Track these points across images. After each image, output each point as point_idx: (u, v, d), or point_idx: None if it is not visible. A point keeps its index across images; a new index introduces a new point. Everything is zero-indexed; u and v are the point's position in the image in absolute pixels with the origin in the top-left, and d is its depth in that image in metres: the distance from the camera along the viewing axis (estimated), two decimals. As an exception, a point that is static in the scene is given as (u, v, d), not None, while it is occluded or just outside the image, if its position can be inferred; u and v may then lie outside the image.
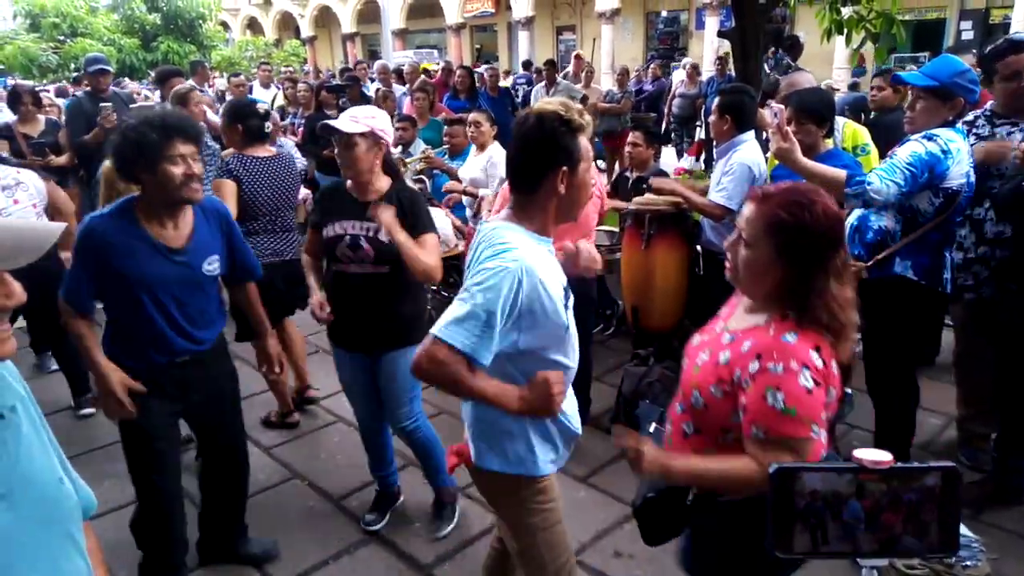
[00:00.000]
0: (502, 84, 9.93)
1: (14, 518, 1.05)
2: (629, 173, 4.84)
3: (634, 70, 13.57)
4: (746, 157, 3.69)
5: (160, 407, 2.59)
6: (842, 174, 2.86)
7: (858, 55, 5.24)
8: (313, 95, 7.90)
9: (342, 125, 2.72)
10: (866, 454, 1.31)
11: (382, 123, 2.79)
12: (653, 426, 1.98)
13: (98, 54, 8.45)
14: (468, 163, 5.20)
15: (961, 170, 2.83)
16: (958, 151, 2.81)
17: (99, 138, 5.62)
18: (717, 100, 3.93)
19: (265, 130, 3.90)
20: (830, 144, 3.54)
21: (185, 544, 2.84)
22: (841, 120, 3.98)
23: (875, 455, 1.30)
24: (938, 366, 4.32)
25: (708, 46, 19.43)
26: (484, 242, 1.80)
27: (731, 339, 1.74)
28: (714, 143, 4.15)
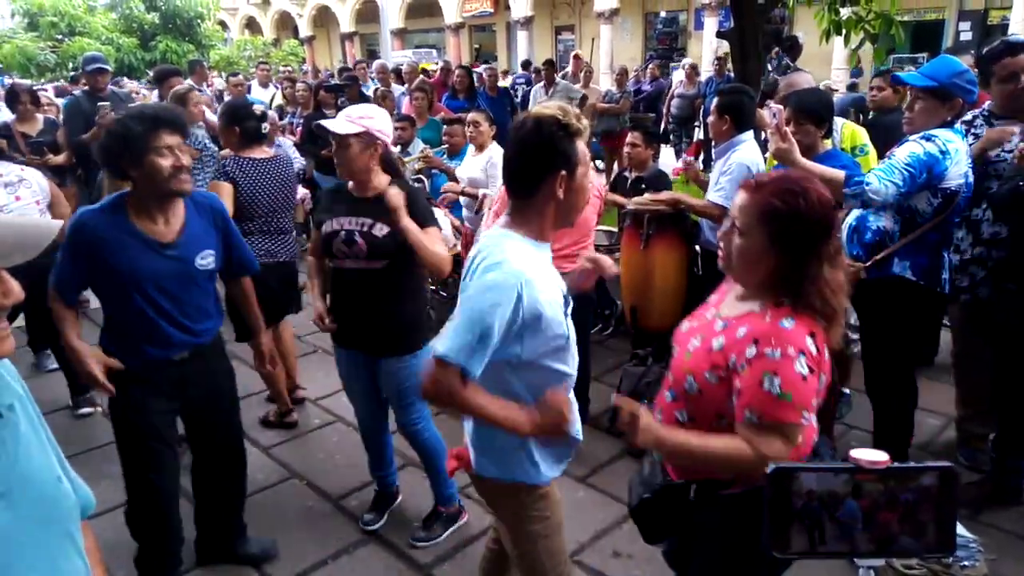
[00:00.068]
0: (501, 84, 9.93)
1: (12, 517, 1.05)
2: (628, 173, 4.84)
3: (633, 70, 13.57)
4: (745, 157, 3.69)
5: (158, 405, 2.59)
6: (841, 174, 2.87)
7: (856, 56, 5.25)
8: (312, 95, 7.90)
9: (334, 126, 2.71)
10: (863, 454, 1.31)
11: (379, 123, 2.75)
12: None
13: (96, 53, 8.46)
14: (466, 163, 5.20)
15: (959, 171, 2.83)
16: (956, 152, 2.81)
17: (97, 137, 5.61)
18: (716, 100, 3.93)
19: (262, 131, 3.91)
20: (829, 145, 3.54)
21: (181, 538, 2.84)
22: (840, 121, 3.98)
23: (872, 455, 1.31)
24: (937, 366, 4.33)
25: (707, 46, 19.44)
26: (482, 254, 1.79)
27: (724, 325, 1.75)
28: (712, 143, 4.15)
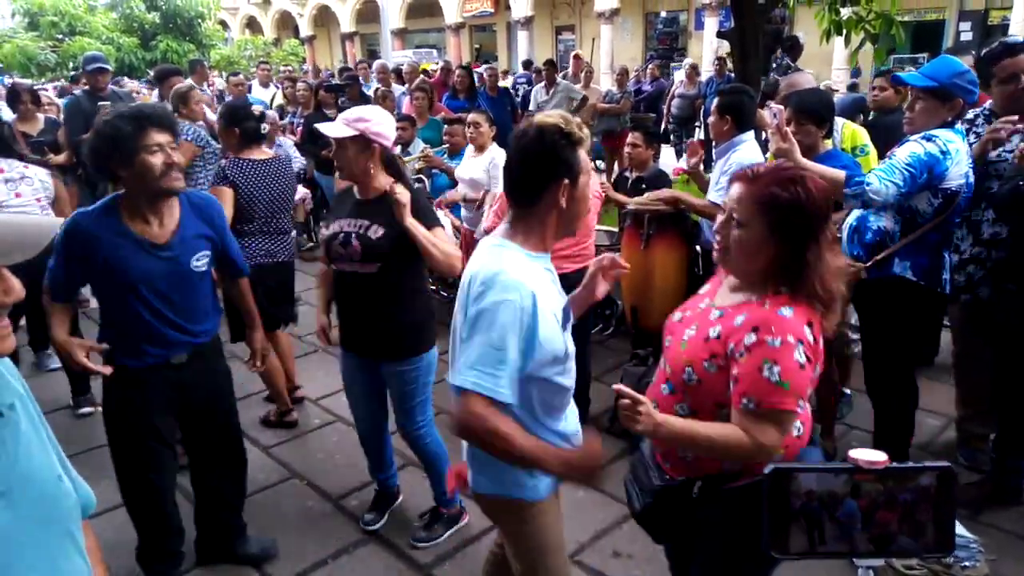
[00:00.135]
0: (501, 84, 9.93)
1: (13, 517, 1.05)
2: (628, 173, 4.84)
3: (633, 70, 13.57)
4: (745, 157, 3.68)
5: (157, 406, 2.59)
6: (841, 174, 2.87)
7: (857, 56, 5.26)
8: (312, 94, 7.90)
9: (328, 130, 2.70)
10: (862, 454, 1.32)
11: (377, 125, 2.69)
12: None
13: (96, 53, 8.45)
14: (465, 163, 5.20)
15: (960, 171, 2.83)
16: (957, 152, 2.81)
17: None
18: (716, 100, 3.93)
19: (261, 132, 3.92)
20: (829, 145, 3.54)
21: (182, 535, 2.86)
22: (840, 121, 3.99)
23: (871, 455, 1.31)
24: (937, 367, 4.33)
25: (707, 46, 19.43)
26: (480, 273, 1.74)
27: (720, 314, 1.75)
28: (713, 143, 4.15)
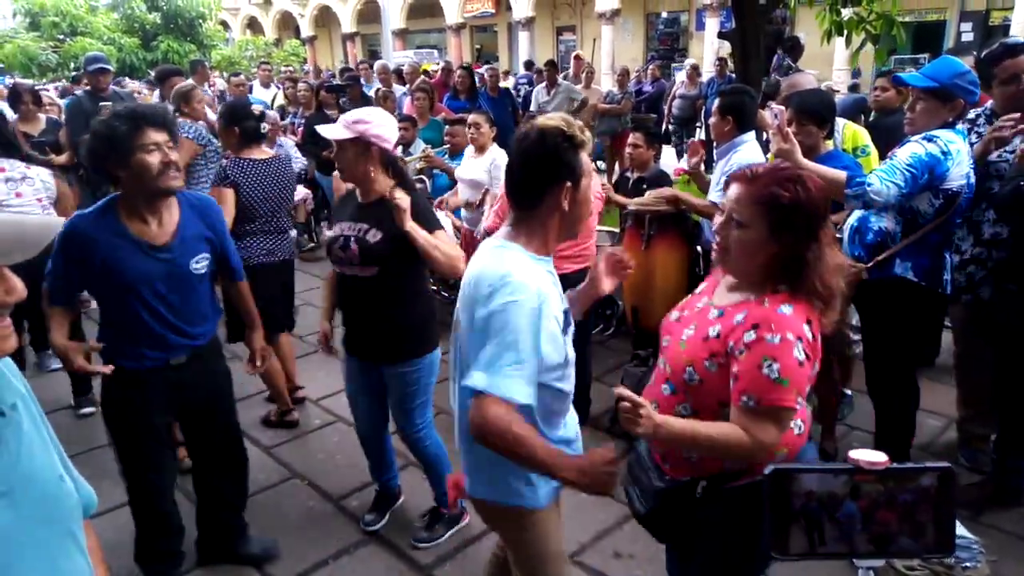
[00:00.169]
0: (502, 84, 9.93)
1: (15, 516, 1.05)
2: (630, 174, 4.84)
3: (634, 71, 13.56)
4: (746, 157, 3.68)
5: (156, 407, 2.59)
6: (842, 175, 2.87)
7: (858, 57, 5.24)
8: (313, 95, 7.91)
9: (328, 132, 2.70)
10: (862, 455, 1.31)
11: (376, 127, 2.66)
12: None
13: (98, 53, 8.45)
14: (465, 164, 5.20)
15: (961, 171, 2.83)
16: (958, 152, 2.81)
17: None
18: (718, 101, 3.93)
19: (261, 131, 3.93)
20: (830, 145, 3.54)
21: (182, 535, 2.86)
22: (841, 121, 3.99)
23: (871, 456, 1.31)
24: (938, 367, 4.33)
25: (708, 47, 19.43)
26: (487, 275, 1.72)
27: (720, 313, 1.76)
28: (714, 144, 4.15)
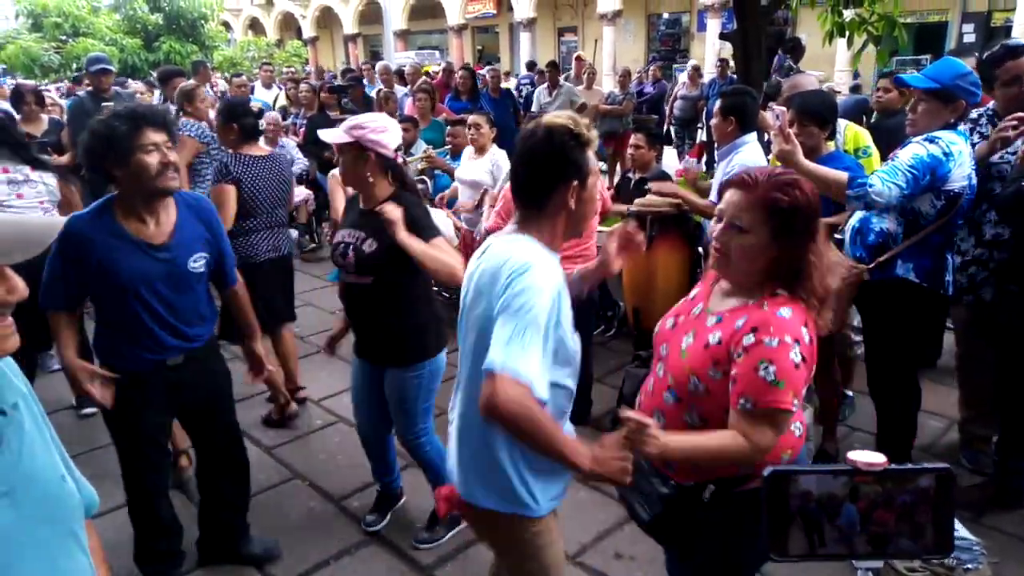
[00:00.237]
0: (504, 85, 9.94)
1: (16, 516, 1.05)
2: (631, 175, 4.85)
3: (636, 72, 13.56)
4: (748, 158, 3.69)
5: (153, 408, 2.57)
6: (844, 176, 2.86)
7: (860, 57, 5.24)
8: (315, 96, 7.92)
9: (327, 136, 2.72)
10: (860, 456, 1.31)
11: (374, 133, 2.64)
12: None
13: (100, 54, 8.45)
14: (466, 165, 5.20)
15: (963, 172, 2.82)
16: (960, 153, 2.81)
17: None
18: (719, 102, 3.93)
19: (259, 128, 3.96)
20: (832, 147, 3.54)
21: (179, 533, 2.86)
22: (842, 123, 3.98)
23: (869, 457, 1.31)
24: (939, 368, 4.33)
25: (710, 48, 19.47)
26: (509, 261, 1.68)
27: (718, 319, 1.76)
28: (716, 145, 4.15)
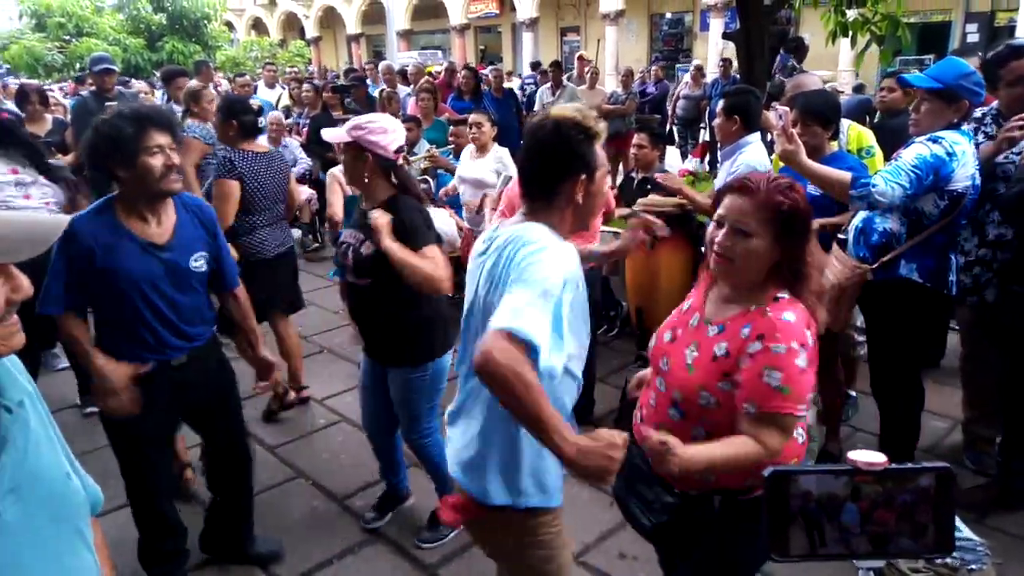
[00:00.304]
0: (506, 85, 9.94)
1: (23, 513, 1.05)
2: (634, 174, 4.85)
3: (638, 72, 13.56)
4: (752, 158, 3.69)
5: (155, 410, 2.55)
6: (847, 176, 2.86)
7: (862, 59, 5.23)
8: (317, 95, 7.94)
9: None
10: (860, 456, 1.31)
11: (372, 134, 2.64)
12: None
13: (103, 54, 8.48)
14: (468, 164, 5.20)
15: (966, 172, 2.82)
16: (963, 154, 2.80)
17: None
18: (723, 102, 3.92)
19: (259, 125, 4.00)
20: (835, 146, 3.54)
21: (183, 533, 2.86)
22: (846, 122, 3.98)
23: (869, 457, 1.31)
24: (943, 369, 4.32)
25: (712, 48, 19.45)
26: (515, 243, 1.66)
27: (721, 329, 1.76)
28: (719, 145, 4.15)
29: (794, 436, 1.75)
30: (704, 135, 11.13)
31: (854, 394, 3.99)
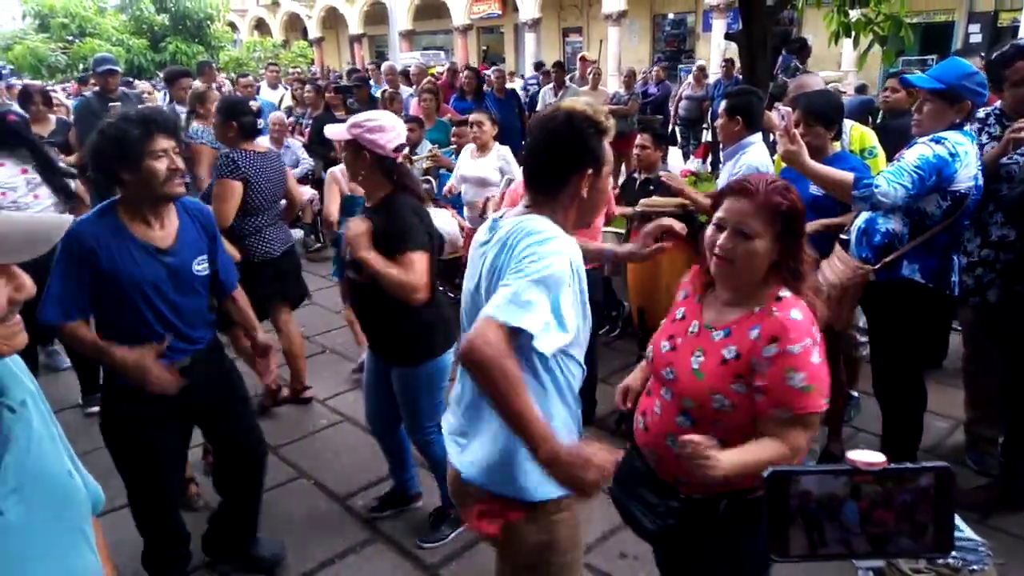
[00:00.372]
0: (509, 86, 9.94)
1: (26, 512, 1.06)
2: (637, 175, 4.84)
3: (641, 72, 13.55)
4: (755, 159, 3.69)
5: (157, 415, 2.51)
6: (850, 177, 2.86)
7: (865, 59, 5.23)
8: (319, 96, 7.95)
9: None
10: (860, 456, 1.31)
11: (370, 132, 2.64)
12: None
13: (106, 54, 8.51)
14: (469, 163, 5.19)
15: (969, 173, 2.82)
16: (966, 154, 2.80)
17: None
18: (725, 103, 3.92)
19: (258, 126, 4.07)
20: (838, 147, 3.54)
21: (186, 537, 2.85)
22: (848, 123, 3.98)
23: (869, 457, 1.31)
24: (945, 369, 4.31)
25: (715, 48, 19.45)
26: (517, 232, 1.64)
27: (726, 333, 1.76)
28: (721, 145, 4.15)
29: None
30: (706, 136, 11.12)
31: (856, 394, 3.99)
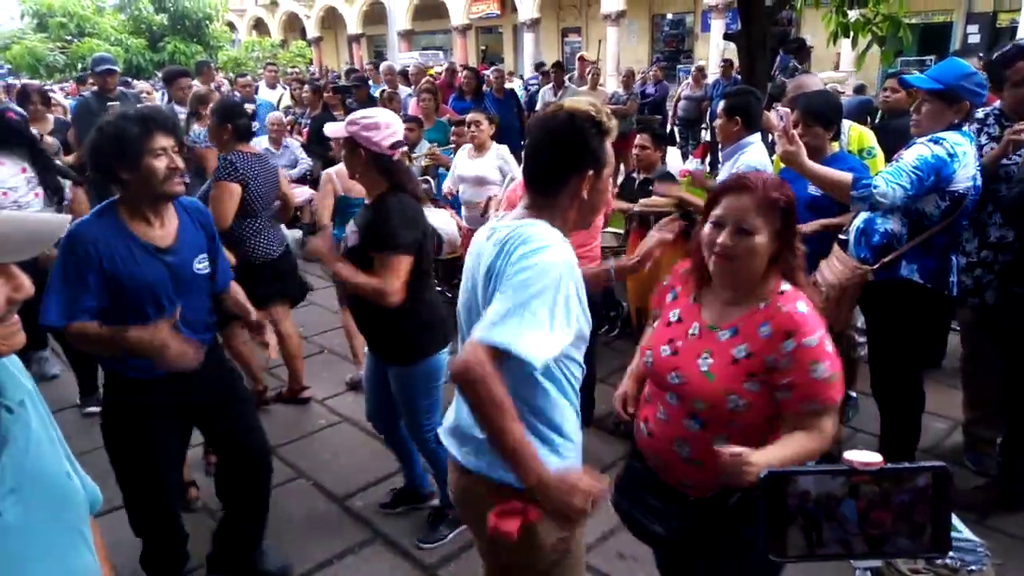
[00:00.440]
0: (508, 86, 9.94)
1: (24, 513, 1.05)
2: (636, 175, 4.85)
3: (640, 72, 13.56)
4: (754, 159, 3.68)
5: (158, 416, 2.51)
6: (848, 177, 2.86)
7: (864, 59, 5.23)
8: (317, 96, 7.96)
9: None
10: (857, 456, 1.31)
11: (366, 130, 2.65)
12: None
13: (105, 54, 8.49)
14: (468, 163, 5.17)
15: (967, 173, 2.82)
16: (964, 155, 2.80)
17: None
18: (723, 103, 3.92)
19: (252, 129, 4.14)
20: (836, 147, 3.54)
21: (185, 538, 2.83)
22: (847, 123, 3.98)
23: (865, 457, 1.31)
24: (944, 370, 4.32)
25: (714, 49, 19.46)
26: (514, 239, 1.63)
27: (734, 332, 1.76)
28: (719, 145, 4.15)
29: None
30: (705, 136, 11.12)
31: (855, 395, 3.99)
